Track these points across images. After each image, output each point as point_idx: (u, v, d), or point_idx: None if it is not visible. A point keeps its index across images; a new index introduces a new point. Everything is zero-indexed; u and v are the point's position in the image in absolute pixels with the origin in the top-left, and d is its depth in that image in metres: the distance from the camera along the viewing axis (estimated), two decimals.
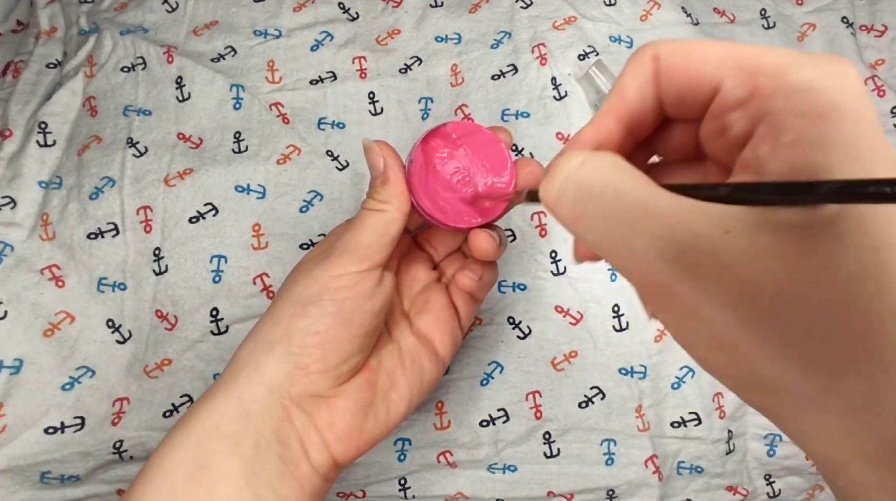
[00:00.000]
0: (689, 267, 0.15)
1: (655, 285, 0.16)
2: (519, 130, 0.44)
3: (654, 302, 0.17)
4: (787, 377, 0.15)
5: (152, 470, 0.24)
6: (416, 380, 0.29)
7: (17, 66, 0.44)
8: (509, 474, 0.39)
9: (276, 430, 0.25)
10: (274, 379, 0.26)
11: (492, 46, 0.46)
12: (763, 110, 0.16)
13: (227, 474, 0.24)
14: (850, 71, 0.15)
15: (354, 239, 0.27)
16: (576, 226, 0.18)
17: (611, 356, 0.40)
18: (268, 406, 0.25)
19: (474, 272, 0.30)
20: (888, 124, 0.47)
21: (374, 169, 0.28)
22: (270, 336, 0.26)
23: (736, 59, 0.17)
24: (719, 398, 0.41)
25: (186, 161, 0.42)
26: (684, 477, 0.40)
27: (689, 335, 0.17)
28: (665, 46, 0.18)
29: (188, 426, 0.25)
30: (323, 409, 0.26)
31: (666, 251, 0.15)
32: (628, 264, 0.17)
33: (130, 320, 0.40)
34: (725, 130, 0.17)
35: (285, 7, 0.47)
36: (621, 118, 0.20)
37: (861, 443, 0.15)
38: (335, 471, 0.27)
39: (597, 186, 0.17)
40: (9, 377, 0.37)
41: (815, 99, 0.15)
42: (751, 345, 0.15)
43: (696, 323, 0.16)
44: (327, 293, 0.26)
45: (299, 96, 0.44)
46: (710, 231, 0.15)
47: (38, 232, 0.40)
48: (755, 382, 0.16)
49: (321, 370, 0.26)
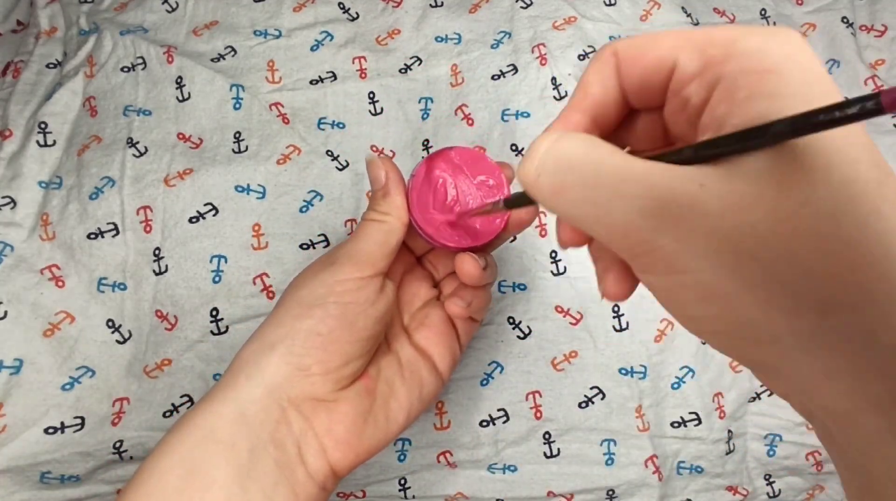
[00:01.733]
0: (669, 221, 0.16)
1: (638, 244, 0.17)
2: (519, 131, 0.44)
3: (639, 263, 0.18)
4: (777, 320, 0.15)
5: (145, 473, 0.24)
6: (416, 391, 0.29)
7: (17, 66, 0.44)
8: (509, 474, 0.39)
9: (272, 433, 0.25)
10: (273, 380, 0.26)
11: (492, 46, 0.46)
12: (717, 76, 0.16)
13: (220, 478, 0.24)
14: (794, 35, 0.16)
15: (357, 247, 0.28)
16: (557, 199, 0.18)
17: (611, 356, 0.40)
18: (265, 408, 0.25)
19: (462, 299, 0.30)
20: (888, 124, 0.47)
21: (375, 182, 0.29)
22: (273, 336, 0.27)
23: (688, 38, 0.18)
24: (719, 398, 0.41)
25: (186, 161, 0.42)
26: (684, 477, 0.40)
27: (676, 292, 0.17)
28: (622, 42, 0.19)
29: (183, 428, 0.25)
30: (322, 413, 0.26)
31: (646, 210, 0.16)
32: (611, 229, 0.17)
33: (130, 320, 0.40)
34: (686, 104, 0.18)
35: (285, 7, 0.47)
36: (586, 111, 0.20)
37: (867, 385, 0.15)
38: (332, 481, 0.27)
39: (574, 158, 0.17)
40: (9, 377, 0.37)
41: (763, 58, 0.16)
42: (738, 291, 0.15)
43: (682, 277, 0.16)
44: (332, 296, 0.27)
45: (299, 96, 0.44)
46: (686, 187, 0.15)
47: (38, 232, 0.40)
48: (747, 333, 0.16)
49: (322, 372, 0.26)
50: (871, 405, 0.15)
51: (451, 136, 0.44)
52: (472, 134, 0.44)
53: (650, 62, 0.18)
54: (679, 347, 0.41)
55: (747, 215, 0.15)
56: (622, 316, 0.41)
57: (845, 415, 0.16)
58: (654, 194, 0.16)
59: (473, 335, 0.41)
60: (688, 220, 0.15)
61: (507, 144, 0.44)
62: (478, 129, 0.44)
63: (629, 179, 0.16)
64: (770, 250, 0.15)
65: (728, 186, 0.15)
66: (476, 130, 0.44)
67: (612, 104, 0.20)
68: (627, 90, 0.20)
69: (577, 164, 0.17)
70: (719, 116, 0.16)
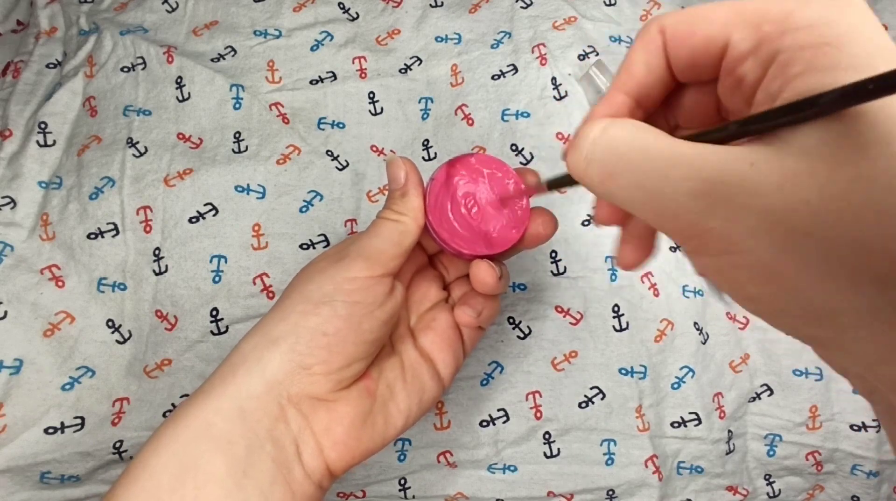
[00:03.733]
0: (719, 201, 0.16)
1: (690, 226, 0.17)
2: (519, 131, 0.44)
3: (691, 245, 0.17)
4: (837, 296, 0.15)
5: (136, 470, 0.24)
6: (416, 396, 0.29)
7: (17, 66, 0.44)
8: (509, 474, 0.39)
9: (270, 430, 0.25)
10: (275, 376, 0.25)
11: (492, 46, 0.46)
12: (773, 53, 0.16)
13: (216, 475, 0.23)
14: (856, 3, 0.16)
15: (370, 244, 0.27)
16: (607, 186, 0.18)
17: (611, 356, 0.40)
18: (264, 404, 0.25)
19: (472, 308, 0.30)
20: None
21: (394, 181, 0.28)
22: (276, 331, 0.26)
23: (740, 13, 0.17)
24: (719, 398, 0.41)
25: (186, 161, 0.42)
26: (684, 477, 0.40)
27: (732, 271, 0.17)
28: (669, 17, 0.19)
29: (178, 423, 0.24)
30: (321, 412, 0.26)
31: (696, 192, 0.16)
32: (661, 213, 0.17)
33: (130, 320, 0.40)
34: (741, 82, 0.18)
35: (285, 7, 0.47)
36: (629, 92, 0.20)
37: None
38: (328, 480, 0.27)
39: (622, 145, 0.18)
40: (9, 378, 0.37)
41: (822, 31, 0.15)
42: (794, 269, 0.15)
43: (736, 257, 0.16)
44: (340, 295, 0.26)
45: (299, 96, 0.44)
46: (735, 166, 0.15)
47: (38, 232, 0.40)
48: (807, 311, 0.16)
49: (324, 372, 0.26)
50: None
51: (451, 136, 0.44)
52: (472, 134, 0.44)
53: (700, 41, 0.18)
54: (679, 347, 0.41)
55: (800, 192, 0.15)
56: (622, 316, 0.41)
57: None
58: (704, 176, 0.16)
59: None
60: (739, 199, 0.15)
61: (507, 144, 0.44)
62: (478, 129, 0.44)
63: (678, 162, 0.16)
64: (825, 226, 0.14)
65: (779, 163, 0.15)
66: (476, 130, 0.44)
67: (657, 82, 0.20)
68: (675, 68, 0.19)
69: (625, 150, 0.17)
70: (773, 91, 0.16)
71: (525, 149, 0.44)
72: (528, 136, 0.44)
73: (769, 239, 0.15)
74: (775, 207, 0.15)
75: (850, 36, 0.15)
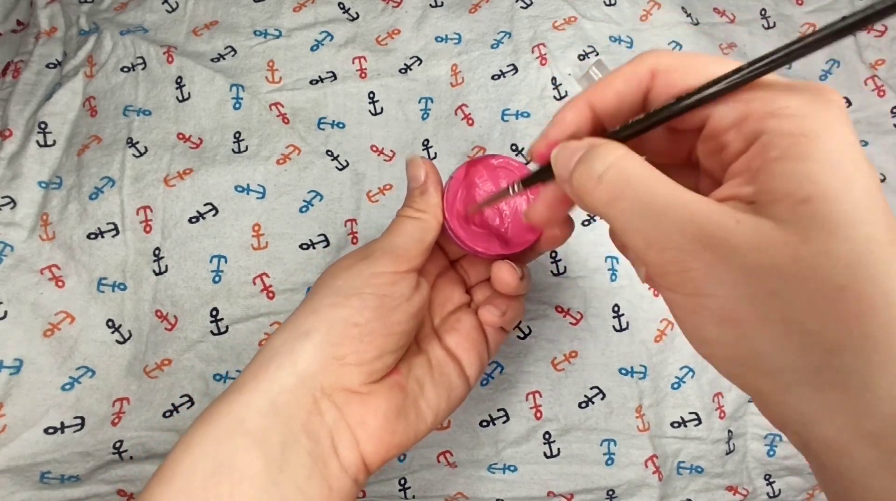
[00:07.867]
0: (706, 247, 0.17)
1: (673, 261, 0.18)
2: (519, 131, 0.44)
3: (668, 281, 0.19)
4: (787, 353, 0.17)
5: (169, 470, 0.23)
6: (445, 393, 0.29)
7: (17, 66, 0.44)
8: (509, 474, 0.39)
9: (304, 424, 0.24)
10: (307, 369, 0.25)
11: (492, 46, 0.46)
12: (757, 132, 0.18)
13: (251, 472, 0.23)
14: (835, 99, 0.18)
15: (393, 242, 0.28)
16: (611, 206, 0.20)
17: (611, 356, 0.40)
18: (297, 398, 0.24)
19: (497, 308, 0.30)
20: (888, 124, 0.47)
21: (413, 180, 0.29)
22: (307, 324, 0.26)
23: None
24: (719, 398, 0.41)
25: (186, 161, 0.42)
26: (684, 477, 0.40)
27: (697, 311, 0.19)
28: (664, 60, 0.21)
29: (209, 421, 0.24)
30: (355, 404, 0.26)
31: (687, 232, 0.18)
32: (652, 242, 0.19)
33: (130, 320, 0.40)
34: (723, 149, 0.19)
35: (285, 7, 0.47)
36: (594, 108, 0.22)
37: (861, 421, 0.16)
38: (363, 475, 0.26)
39: (633, 176, 0.19)
40: (9, 378, 0.37)
41: (801, 123, 0.17)
42: (755, 321, 0.17)
43: (705, 299, 0.18)
44: (369, 288, 0.26)
45: (299, 96, 0.44)
46: (724, 220, 0.17)
47: (38, 232, 0.40)
48: (757, 362, 0.18)
49: (357, 362, 0.26)
50: (864, 439, 0.16)
51: (451, 136, 0.44)
52: (473, 134, 0.44)
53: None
54: (679, 347, 0.41)
55: (774, 257, 0.16)
56: (622, 316, 0.41)
57: (840, 448, 0.17)
58: (696, 221, 0.18)
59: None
60: (722, 251, 0.17)
61: (507, 144, 0.44)
62: (478, 129, 0.44)
63: (677, 204, 0.18)
64: (790, 290, 0.16)
65: (759, 226, 0.17)
66: (476, 130, 0.44)
67: (621, 113, 0.22)
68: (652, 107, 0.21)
69: (634, 181, 0.19)
70: (753, 169, 0.18)
71: (525, 149, 0.44)
72: (529, 136, 0.44)
73: (739, 291, 0.17)
74: (751, 265, 0.17)
75: (826, 131, 0.17)
